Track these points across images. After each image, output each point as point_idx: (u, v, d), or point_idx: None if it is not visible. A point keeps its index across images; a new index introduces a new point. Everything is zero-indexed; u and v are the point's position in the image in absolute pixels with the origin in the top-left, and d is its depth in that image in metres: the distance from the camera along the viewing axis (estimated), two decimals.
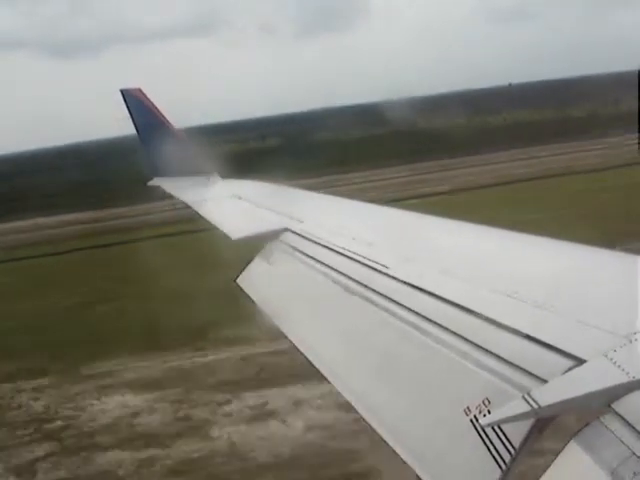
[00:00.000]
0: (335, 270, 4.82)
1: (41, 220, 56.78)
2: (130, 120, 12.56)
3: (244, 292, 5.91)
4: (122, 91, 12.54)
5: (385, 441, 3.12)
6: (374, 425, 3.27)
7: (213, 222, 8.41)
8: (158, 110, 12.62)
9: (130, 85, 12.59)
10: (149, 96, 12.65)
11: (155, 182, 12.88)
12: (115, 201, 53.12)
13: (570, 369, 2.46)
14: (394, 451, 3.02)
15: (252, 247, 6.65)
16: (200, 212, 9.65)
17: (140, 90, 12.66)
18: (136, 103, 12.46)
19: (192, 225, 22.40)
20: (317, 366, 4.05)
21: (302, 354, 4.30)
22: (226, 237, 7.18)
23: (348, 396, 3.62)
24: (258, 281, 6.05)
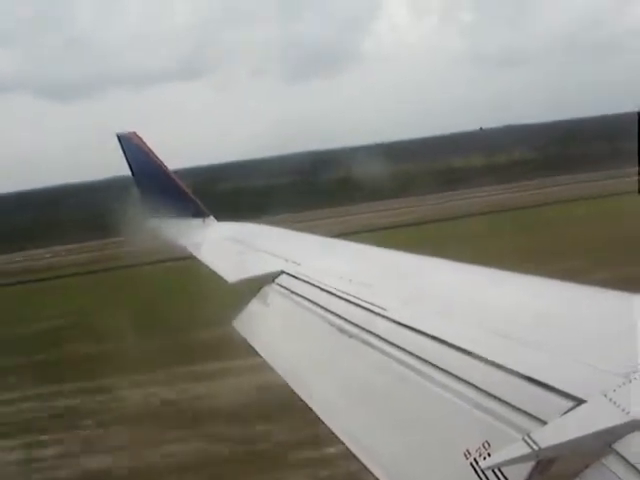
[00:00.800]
0: (332, 312, 4.82)
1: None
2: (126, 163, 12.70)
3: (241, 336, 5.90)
4: (118, 135, 12.69)
5: None
6: (372, 468, 3.24)
7: (209, 265, 8.43)
8: (153, 153, 12.76)
9: (122, 128, 12.79)
10: (144, 139, 12.82)
11: (150, 224, 12.93)
12: None
13: (570, 410, 2.46)
14: None
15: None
16: (196, 255, 9.67)
17: (135, 134, 12.81)
18: (131, 146, 12.60)
19: None
20: (313, 408, 4.02)
21: (298, 396, 4.27)
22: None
23: (345, 438, 3.59)
24: (254, 324, 6.04)
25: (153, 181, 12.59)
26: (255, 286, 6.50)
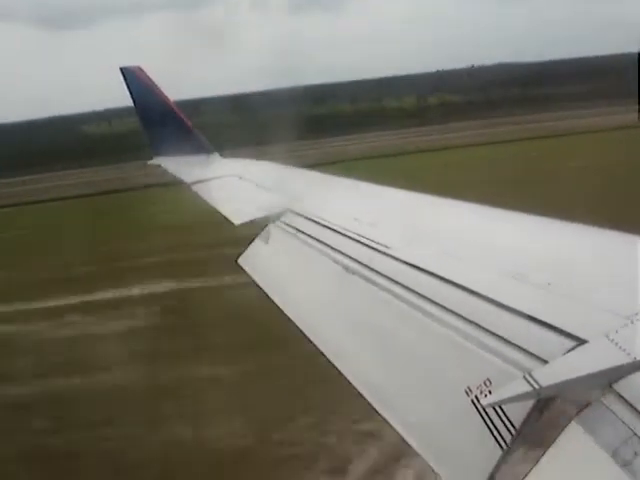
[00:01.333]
0: (336, 250, 4.82)
1: None
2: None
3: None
4: (122, 69, 12.45)
5: (386, 420, 3.15)
6: (374, 403, 3.29)
7: (214, 205, 8.40)
8: (158, 88, 12.54)
9: (124, 58, 12.58)
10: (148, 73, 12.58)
11: (155, 161, 12.84)
12: None
13: (571, 350, 2.47)
14: (394, 428, 3.05)
15: None
16: (200, 195, 9.62)
17: (140, 68, 12.56)
18: (136, 81, 12.37)
19: None
20: (316, 344, 4.06)
21: (302, 332, 4.32)
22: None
23: (348, 375, 3.64)
24: (259, 261, 6.05)
25: (157, 116, 12.42)
26: (260, 224, 6.50)
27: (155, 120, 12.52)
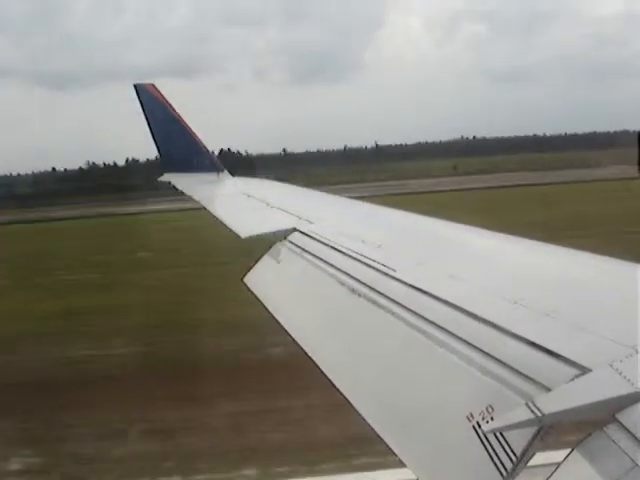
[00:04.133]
0: (342, 272, 4.82)
1: None
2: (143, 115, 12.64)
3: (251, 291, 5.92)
4: (135, 86, 12.60)
5: (386, 443, 3.13)
6: (375, 427, 3.27)
7: (222, 220, 8.44)
8: (171, 106, 12.68)
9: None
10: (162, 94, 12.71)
11: (165, 178, 12.94)
12: None
13: (575, 378, 2.46)
14: (394, 453, 3.02)
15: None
16: (209, 209, 9.68)
17: (153, 85, 12.72)
18: (149, 98, 12.51)
19: None
20: (319, 364, 4.05)
21: (305, 352, 4.30)
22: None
23: (350, 397, 3.62)
24: (265, 280, 6.06)
25: (169, 134, 12.53)
26: (267, 243, 6.51)
27: (167, 137, 12.64)
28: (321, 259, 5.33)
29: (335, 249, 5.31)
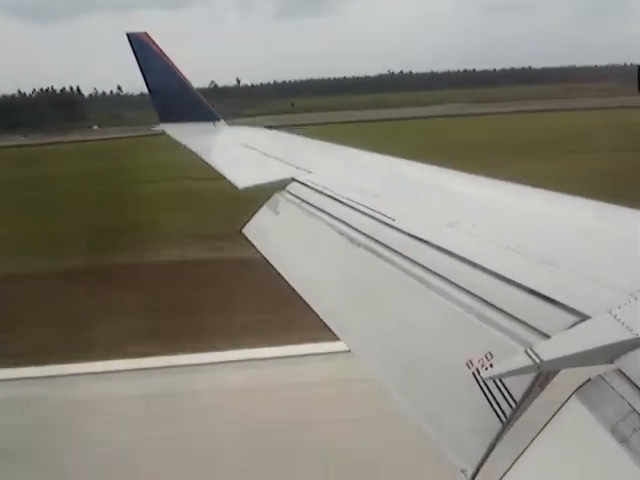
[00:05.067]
0: (341, 221, 4.80)
1: None
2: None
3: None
4: (128, 35, 12.32)
5: (384, 389, 3.17)
6: (374, 374, 3.31)
7: (219, 170, 8.37)
8: (165, 55, 12.43)
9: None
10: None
11: (160, 127, 12.78)
12: None
13: (574, 325, 2.47)
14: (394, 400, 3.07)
15: None
16: (206, 159, 9.59)
17: (147, 34, 12.43)
18: (143, 47, 12.26)
19: None
20: (319, 313, 4.07)
21: (304, 300, 4.32)
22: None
23: (348, 344, 3.66)
24: (263, 231, 6.04)
25: (163, 82, 12.33)
26: (265, 193, 6.47)
27: (162, 86, 12.44)
28: (320, 209, 5.30)
29: (334, 199, 5.28)
